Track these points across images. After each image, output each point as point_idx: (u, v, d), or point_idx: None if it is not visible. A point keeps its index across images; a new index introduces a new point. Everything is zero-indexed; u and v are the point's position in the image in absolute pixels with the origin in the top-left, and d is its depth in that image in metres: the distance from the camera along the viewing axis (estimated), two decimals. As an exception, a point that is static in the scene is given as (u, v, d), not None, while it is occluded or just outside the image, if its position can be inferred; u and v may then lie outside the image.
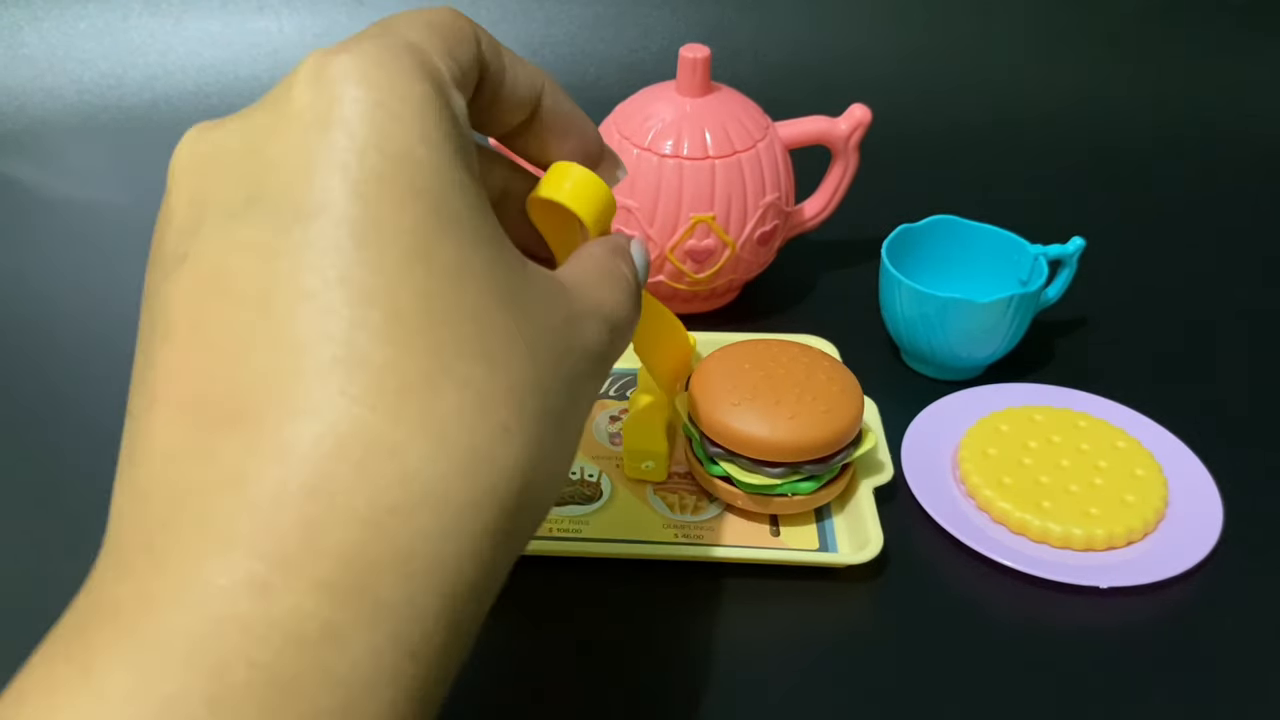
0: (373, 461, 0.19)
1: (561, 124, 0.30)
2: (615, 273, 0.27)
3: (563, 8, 0.85)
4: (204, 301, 0.20)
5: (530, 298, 0.23)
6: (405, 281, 0.20)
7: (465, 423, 0.20)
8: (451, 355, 0.20)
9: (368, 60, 0.21)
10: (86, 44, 0.82)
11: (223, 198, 0.21)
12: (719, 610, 0.41)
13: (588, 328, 0.25)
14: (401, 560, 0.19)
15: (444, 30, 0.24)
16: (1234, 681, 0.39)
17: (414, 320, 0.20)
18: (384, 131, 0.21)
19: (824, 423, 0.42)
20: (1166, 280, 0.63)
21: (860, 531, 0.43)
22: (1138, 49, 0.84)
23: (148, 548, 0.19)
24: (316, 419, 0.19)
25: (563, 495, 0.45)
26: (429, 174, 0.21)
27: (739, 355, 0.45)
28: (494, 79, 0.27)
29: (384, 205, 0.20)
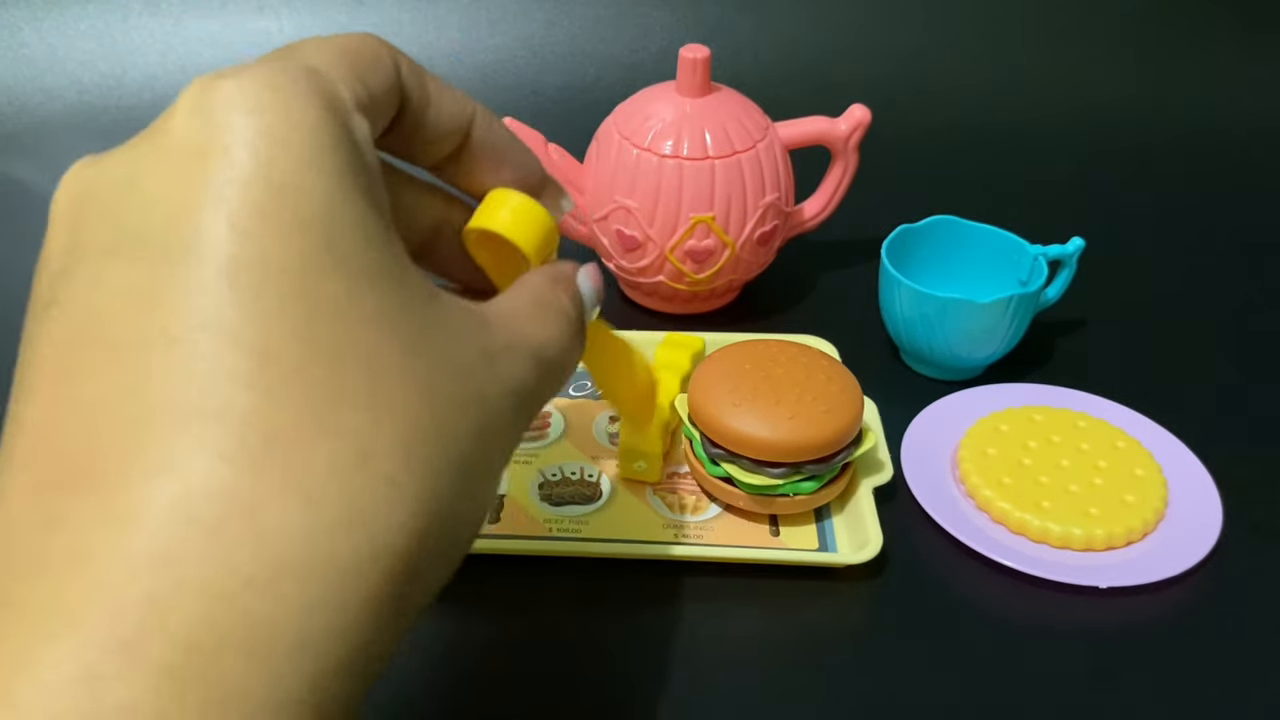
0: (229, 526, 0.17)
1: (495, 153, 0.28)
2: (552, 304, 0.26)
3: (563, 8, 0.85)
4: (69, 351, 0.19)
5: (437, 335, 0.21)
6: (280, 323, 0.18)
7: (340, 477, 0.18)
8: (329, 403, 0.18)
9: (255, 85, 0.20)
10: (86, 44, 0.82)
11: (97, 238, 0.20)
12: (719, 610, 0.41)
13: (509, 364, 0.23)
14: (259, 640, 0.17)
15: (354, 55, 0.23)
16: (1234, 681, 0.39)
17: (287, 365, 0.18)
18: (269, 160, 0.19)
19: (824, 423, 0.42)
20: (1166, 280, 0.63)
21: (860, 531, 0.43)
22: (1138, 49, 0.84)
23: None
24: (172, 478, 0.17)
25: (562, 495, 0.45)
26: (318, 204, 0.20)
27: (739, 356, 0.45)
28: (416, 107, 0.25)
29: (265, 240, 0.19)
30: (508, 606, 0.41)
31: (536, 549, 0.42)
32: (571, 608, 0.41)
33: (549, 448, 0.48)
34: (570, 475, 0.47)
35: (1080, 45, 0.84)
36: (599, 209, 0.55)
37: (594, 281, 0.28)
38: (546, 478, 0.46)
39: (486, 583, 0.42)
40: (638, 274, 0.56)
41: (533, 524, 0.44)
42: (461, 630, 0.40)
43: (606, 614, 0.41)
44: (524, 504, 0.45)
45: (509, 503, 0.45)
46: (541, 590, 0.42)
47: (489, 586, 0.42)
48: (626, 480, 0.46)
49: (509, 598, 0.42)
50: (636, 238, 0.54)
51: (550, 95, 0.82)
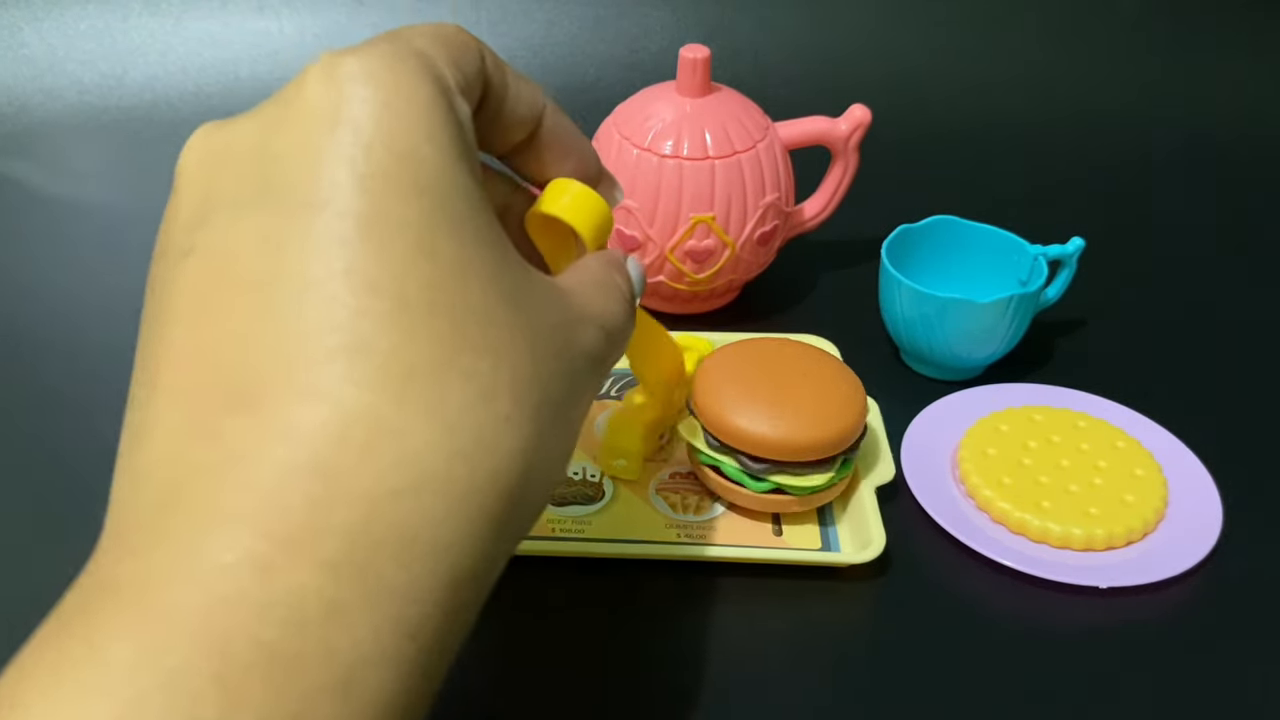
0: (377, 444, 0.19)
1: (561, 144, 0.30)
2: (610, 283, 0.28)
3: (563, 8, 0.85)
4: (211, 289, 0.21)
5: (531, 298, 0.23)
6: (410, 273, 0.20)
7: (469, 411, 0.20)
8: (455, 346, 0.21)
9: (377, 62, 0.22)
10: (86, 44, 0.82)
11: (230, 192, 0.22)
12: (721, 610, 0.41)
13: (586, 331, 0.25)
14: (404, 542, 0.19)
15: (450, 42, 0.25)
16: (1234, 681, 0.39)
17: (419, 311, 0.20)
18: (390, 130, 0.21)
19: (828, 421, 0.42)
20: (1166, 280, 0.63)
21: (863, 531, 0.43)
22: (1138, 50, 0.84)
23: (150, 527, 0.19)
24: (322, 402, 0.19)
25: (564, 495, 0.46)
26: (433, 172, 0.22)
27: (743, 354, 0.45)
28: (496, 95, 0.27)
29: (389, 199, 0.21)
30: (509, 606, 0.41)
31: (539, 549, 0.42)
32: (574, 608, 0.41)
33: None
34: (572, 475, 0.47)
35: (1080, 45, 0.84)
36: (599, 209, 0.55)
37: (640, 269, 0.31)
38: None
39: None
40: (638, 274, 0.56)
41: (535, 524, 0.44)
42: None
43: (608, 614, 0.41)
44: None
45: None
46: (544, 590, 0.42)
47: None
48: (628, 481, 0.46)
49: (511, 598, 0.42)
50: (636, 238, 0.54)
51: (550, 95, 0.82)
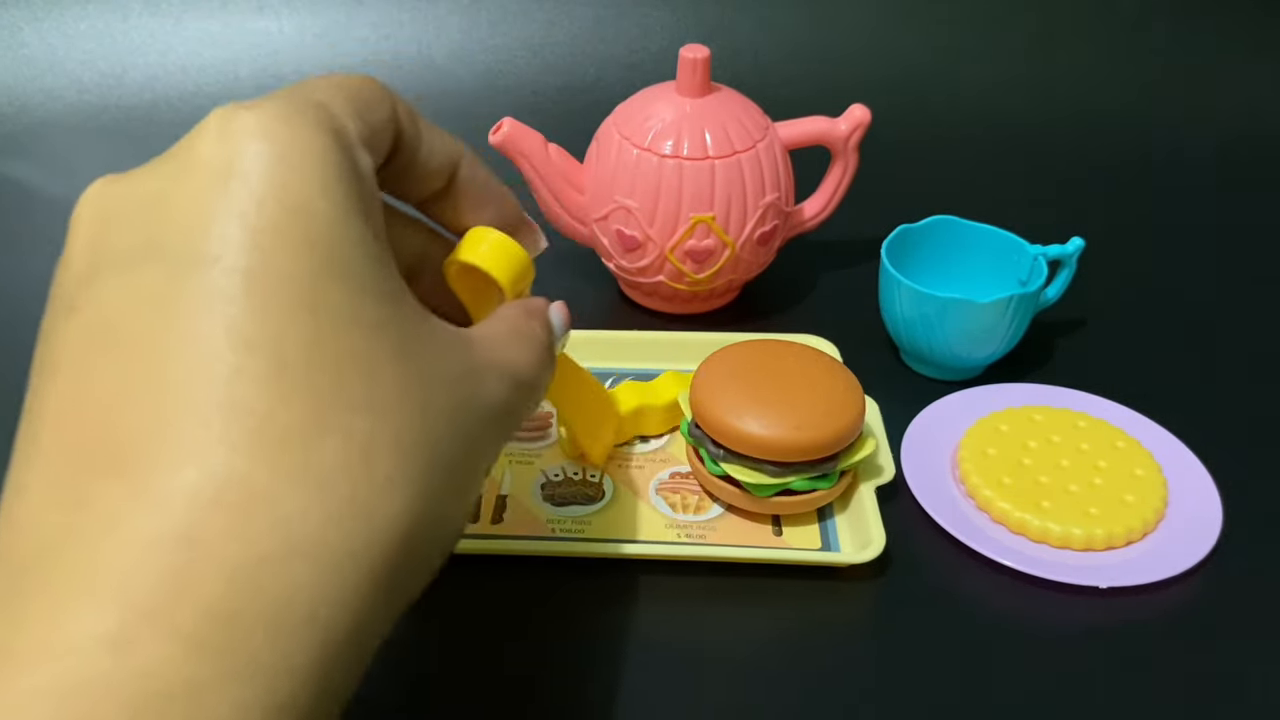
0: (247, 510, 0.19)
1: (477, 193, 0.30)
2: (526, 331, 0.28)
3: (563, 8, 0.85)
4: (91, 349, 0.20)
5: (427, 350, 0.23)
6: (291, 330, 0.20)
7: (345, 473, 0.20)
8: (334, 405, 0.20)
9: (272, 116, 0.22)
10: (86, 44, 0.82)
11: (119, 247, 0.22)
12: (723, 610, 0.41)
13: (489, 382, 0.25)
14: (273, 612, 0.18)
15: (356, 94, 0.25)
16: (1234, 681, 0.39)
17: (298, 369, 0.20)
18: (283, 184, 0.21)
19: (826, 422, 0.42)
20: (1166, 280, 0.63)
21: (862, 531, 0.43)
22: (1138, 50, 0.84)
23: (12, 597, 0.18)
24: (195, 467, 0.19)
25: (565, 495, 0.46)
26: (326, 225, 0.21)
27: (741, 355, 0.45)
28: (409, 146, 0.27)
29: (278, 255, 0.21)
30: (510, 606, 0.41)
31: (539, 549, 0.42)
32: (574, 608, 0.41)
33: (550, 448, 0.48)
34: (572, 475, 0.47)
35: (1080, 45, 0.84)
36: (599, 209, 0.55)
37: (564, 317, 0.31)
38: (549, 478, 0.46)
39: (489, 583, 0.42)
40: (638, 274, 0.56)
41: (535, 524, 0.44)
42: (465, 630, 0.40)
43: (609, 614, 0.41)
44: (526, 504, 0.45)
45: (511, 503, 0.45)
46: (544, 590, 0.42)
47: (492, 586, 0.42)
48: (629, 481, 0.46)
49: (512, 598, 0.42)
50: (636, 238, 0.54)
51: (550, 95, 0.82)
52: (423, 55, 0.84)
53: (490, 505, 0.45)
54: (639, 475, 0.47)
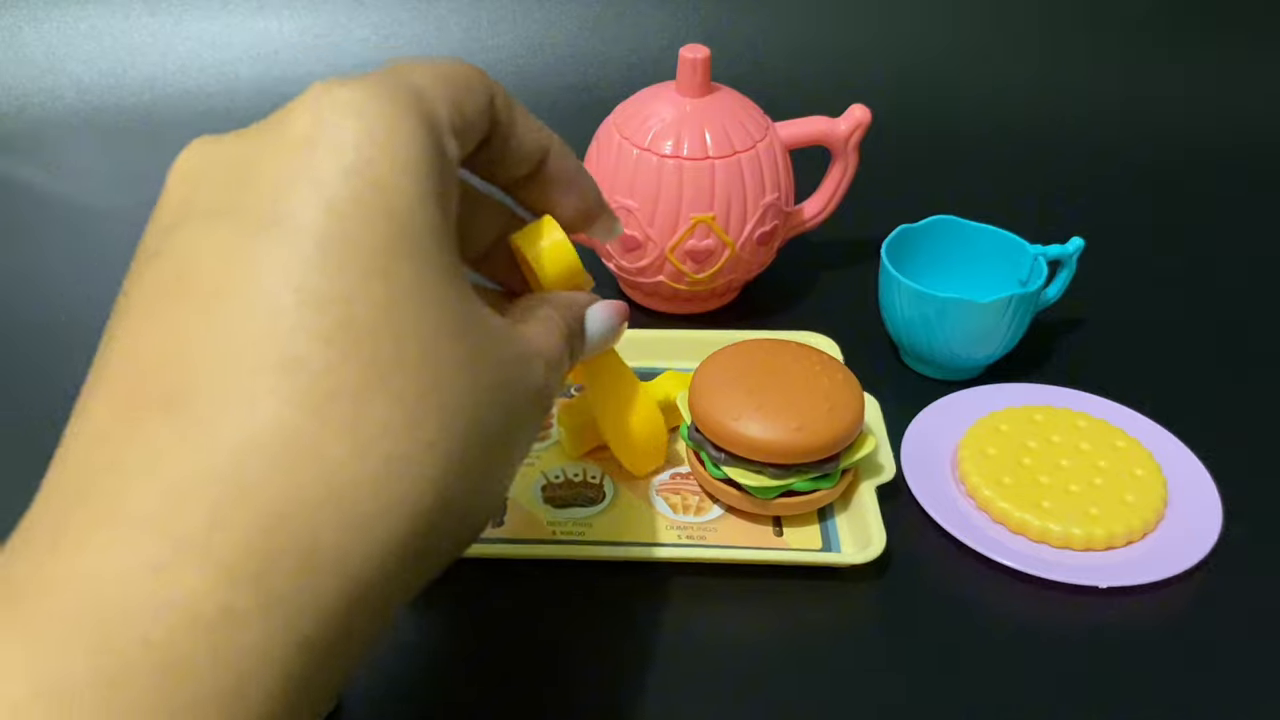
0: (289, 458, 0.20)
1: (564, 181, 0.32)
2: (550, 319, 0.30)
3: (563, 8, 0.85)
4: (163, 294, 0.21)
5: (481, 331, 0.24)
6: (360, 294, 0.21)
7: (390, 433, 0.21)
8: (390, 368, 0.21)
9: (365, 94, 0.23)
10: (86, 44, 0.82)
11: (206, 202, 0.22)
12: (723, 610, 0.41)
13: (532, 365, 0.27)
14: (303, 553, 0.19)
15: (454, 81, 0.26)
16: (1234, 681, 0.39)
17: (361, 331, 0.21)
18: (369, 159, 0.22)
19: (827, 422, 0.42)
20: (1166, 280, 0.63)
21: (863, 531, 0.43)
22: (1138, 51, 0.84)
23: (54, 524, 0.19)
24: (242, 413, 0.20)
25: (565, 497, 0.46)
26: (404, 203, 0.22)
27: (738, 356, 0.45)
28: (503, 133, 0.29)
29: (355, 223, 0.21)
30: (512, 610, 0.41)
31: (540, 553, 0.42)
32: (576, 610, 0.41)
33: (550, 449, 0.48)
34: (573, 477, 0.47)
35: (1080, 46, 0.84)
36: (599, 209, 0.55)
37: (606, 316, 0.33)
38: (549, 479, 0.46)
39: (491, 586, 0.42)
40: (638, 274, 0.56)
41: (536, 527, 0.44)
42: (467, 633, 0.40)
43: (611, 616, 0.41)
44: (527, 507, 0.45)
45: (512, 506, 0.45)
46: (545, 593, 0.42)
47: (493, 590, 0.42)
48: (630, 482, 0.46)
49: (513, 601, 0.42)
50: (636, 238, 0.54)
51: (550, 95, 0.82)
52: (423, 55, 0.84)
53: None
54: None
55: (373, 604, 0.21)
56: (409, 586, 0.23)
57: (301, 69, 0.83)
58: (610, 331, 0.33)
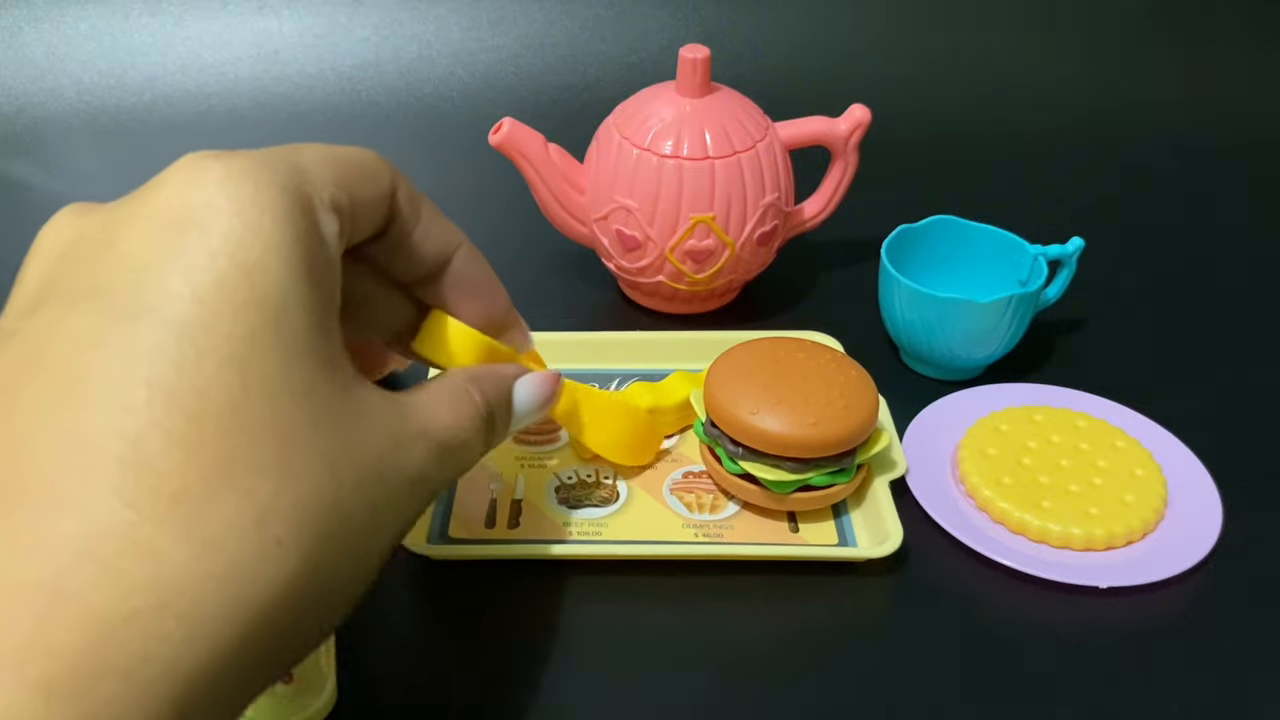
0: (125, 563, 0.19)
1: (469, 287, 0.31)
2: (463, 395, 0.28)
3: (563, 8, 0.85)
4: (18, 380, 0.21)
5: (353, 419, 0.23)
6: (217, 387, 0.20)
7: (235, 534, 0.20)
8: (241, 467, 0.20)
9: (238, 170, 0.22)
10: (86, 44, 0.82)
11: (68, 285, 0.22)
12: (740, 607, 0.42)
13: (412, 451, 0.25)
14: (133, 666, 0.18)
15: (346, 163, 0.26)
16: (1234, 681, 0.39)
17: (212, 427, 0.20)
18: (238, 240, 0.21)
19: (844, 417, 0.42)
20: (1166, 280, 0.63)
21: (878, 526, 0.43)
22: (1138, 51, 0.84)
23: None
24: (79, 515, 0.19)
25: (579, 498, 0.46)
26: (274, 286, 0.22)
27: (751, 354, 0.45)
28: (404, 227, 0.28)
29: (219, 311, 0.21)
30: (528, 610, 0.41)
31: (556, 553, 0.42)
32: (594, 610, 0.41)
33: (562, 450, 0.48)
34: (585, 478, 0.47)
35: (1080, 46, 0.84)
36: (599, 209, 0.55)
37: (535, 388, 0.32)
38: (562, 480, 0.46)
39: (507, 586, 0.42)
40: (638, 274, 0.56)
41: (552, 528, 0.44)
42: (484, 633, 0.40)
43: (627, 614, 0.41)
44: (542, 508, 0.45)
45: (526, 507, 0.45)
46: (562, 593, 0.42)
47: (510, 590, 0.42)
48: (643, 483, 0.47)
49: (530, 601, 0.42)
50: (636, 238, 0.54)
51: (550, 95, 0.82)
52: (423, 55, 0.84)
53: (506, 510, 0.45)
54: (652, 476, 0.47)
55: (211, 707, 0.20)
56: (256, 682, 0.22)
57: (301, 69, 0.83)
58: (540, 402, 0.32)
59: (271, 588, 0.21)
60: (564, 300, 0.60)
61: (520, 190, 0.56)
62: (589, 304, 0.60)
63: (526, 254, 0.63)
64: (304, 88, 0.82)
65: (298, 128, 0.79)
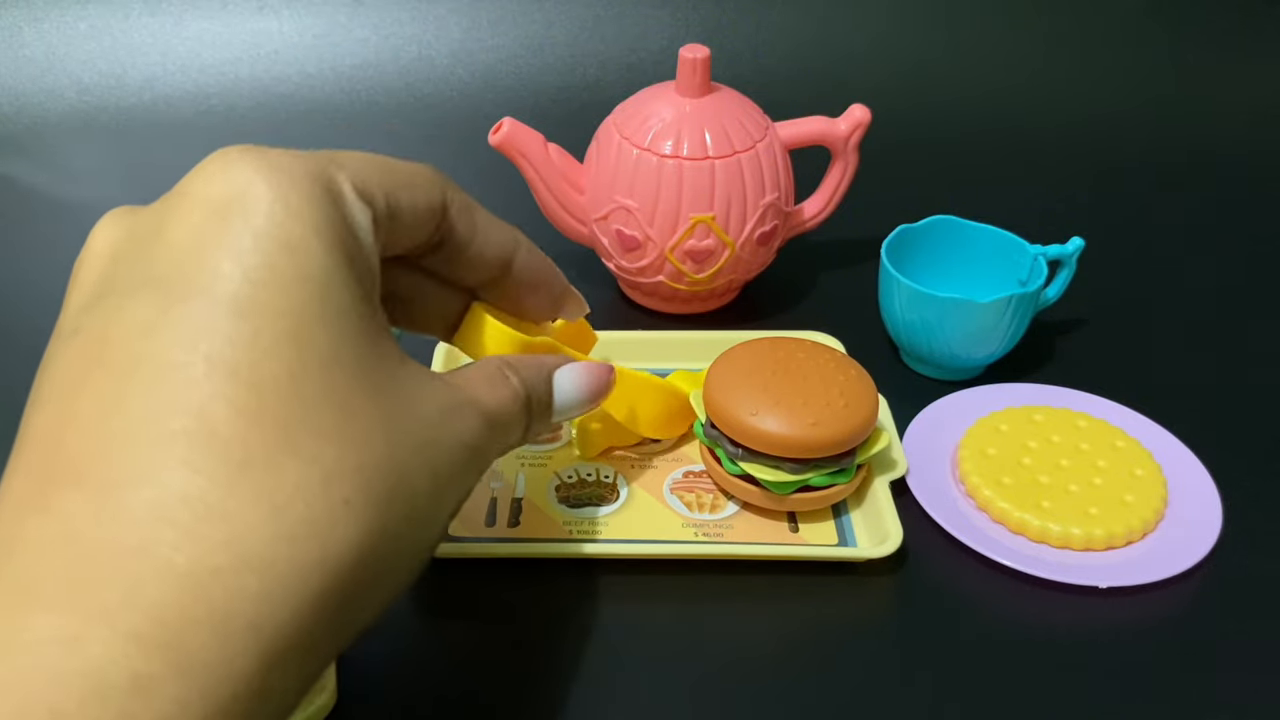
0: (201, 526, 0.20)
1: (531, 280, 0.33)
2: (500, 379, 0.29)
3: (563, 8, 0.85)
4: (80, 371, 0.22)
5: (403, 389, 0.24)
6: (274, 360, 0.21)
7: (303, 496, 0.21)
8: (303, 432, 0.21)
9: (272, 160, 0.23)
10: (86, 44, 0.82)
11: (122, 279, 0.23)
12: (740, 607, 0.41)
13: (464, 419, 0.26)
14: (218, 619, 0.20)
15: (392, 172, 0.27)
16: (1234, 681, 0.39)
17: (273, 397, 0.21)
18: (280, 222, 0.23)
19: (843, 417, 0.42)
20: (1166, 280, 0.63)
21: (878, 526, 0.43)
22: (1137, 51, 0.84)
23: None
24: (153, 485, 0.20)
25: (579, 497, 0.46)
26: (318, 266, 0.23)
27: (751, 354, 0.45)
28: (461, 240, 0.30)
29: (269, 288, 0.22)
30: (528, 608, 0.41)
31: (556, 551, 0.42)
32: (593, 609, 0.41)
33: (563, 449, 0.48)
34: (586, 477, 0.47)
35: (1080, 46, 0.84)
36: (599, 209, 0.55)
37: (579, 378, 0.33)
38: (563, 479, 0.46)
39: (507, 585, 0.42)
40: (638, 274, 0.56)
41: (552, 526, 0.44)
42: (484, 632, 0.40)
43: (627, 614, 0.41)
44: (542, 507, 0.45)
45: (527, 505, 0.45)
46: (562, 592, 0.42)
47: (510, 589, 0.42)
48: (643, 482, 0.47)
49: (530, 600, 0.42)
50: (636, 238, 0.54)
51: (550, 95, 0.82)
52: (423, 55, 0.84)
53: (506, 509, 0.45)
54: (652, 475, 0.47)
55: (293, 663, 0.21)
56: (333, 643, 0.23)
57: (301, 69, 0.83)
58: (585, 394, 0.33)
59: (344, 546, 0.21)
60: None
61: (520, 190, 0.56)
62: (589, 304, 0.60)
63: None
64: (304, 88, 0.82)
65: (298, 128, 0.79)
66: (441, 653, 0.40)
